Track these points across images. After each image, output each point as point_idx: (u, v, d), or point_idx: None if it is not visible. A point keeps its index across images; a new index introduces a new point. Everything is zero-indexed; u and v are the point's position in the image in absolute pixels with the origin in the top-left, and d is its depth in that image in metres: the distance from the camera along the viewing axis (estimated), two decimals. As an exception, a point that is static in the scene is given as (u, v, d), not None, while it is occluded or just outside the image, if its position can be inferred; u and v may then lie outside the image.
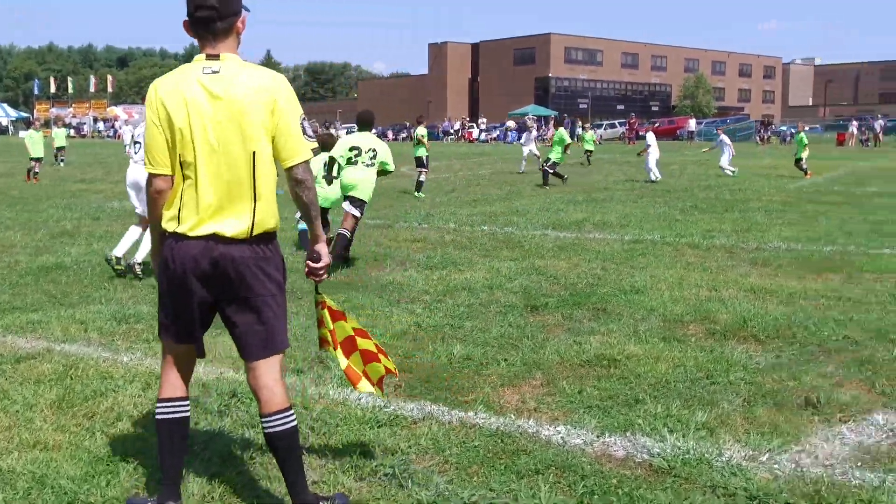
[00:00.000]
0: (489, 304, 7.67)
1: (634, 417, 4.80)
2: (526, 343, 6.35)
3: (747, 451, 4.33)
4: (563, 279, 8.78)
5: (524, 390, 5.34)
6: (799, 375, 5.55)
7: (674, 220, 13.80)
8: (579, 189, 20.22)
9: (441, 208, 15.81)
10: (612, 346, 6.24)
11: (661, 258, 10.05)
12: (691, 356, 5.97)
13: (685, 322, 7.00)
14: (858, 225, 12.99)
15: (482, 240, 11.57)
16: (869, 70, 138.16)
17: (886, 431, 4.62)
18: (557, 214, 14.57)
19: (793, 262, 9.79)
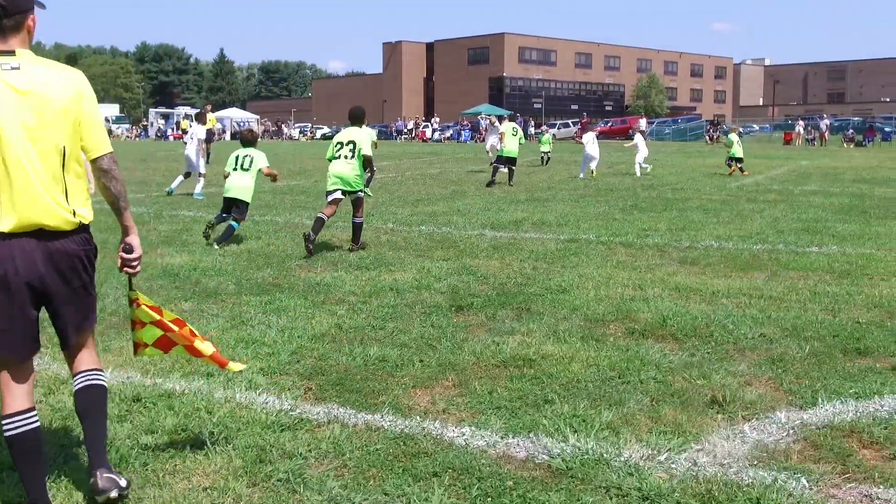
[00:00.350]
0: (414, 304, 7.64)
1: (540, 418, 4.80)
2: (444, 344, 6.33)
3: (647, 451, 4.35)
4: (493, 279, 8.78)
5: (436, 391, 5.32)
6: (709, 374, 5.60)
7: (612, 219, 13.89)
8: (523, 189, 20.27)
9: (382, 208, 15.75)
10: (529, 346, 6.24)
11: (593, 257, 10.10)
12: (606, 356, 5.99)
13: (606, 321, 7.03)
14: (791, 223, 13.17)
15: (418, 240, 11.54)
16: (817, 71, 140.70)
17: (787, 429, 4.67)
18: (497, 214, 14.59)
19: (721, 260, 9.89)
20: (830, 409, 4.96)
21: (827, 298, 7.79)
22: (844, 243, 11.04)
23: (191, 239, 11.49)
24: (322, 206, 11.21)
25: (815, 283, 8.54)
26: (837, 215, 14.26)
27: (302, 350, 6.14)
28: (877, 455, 4.35)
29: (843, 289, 8.18)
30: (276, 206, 15.91)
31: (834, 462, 4.24)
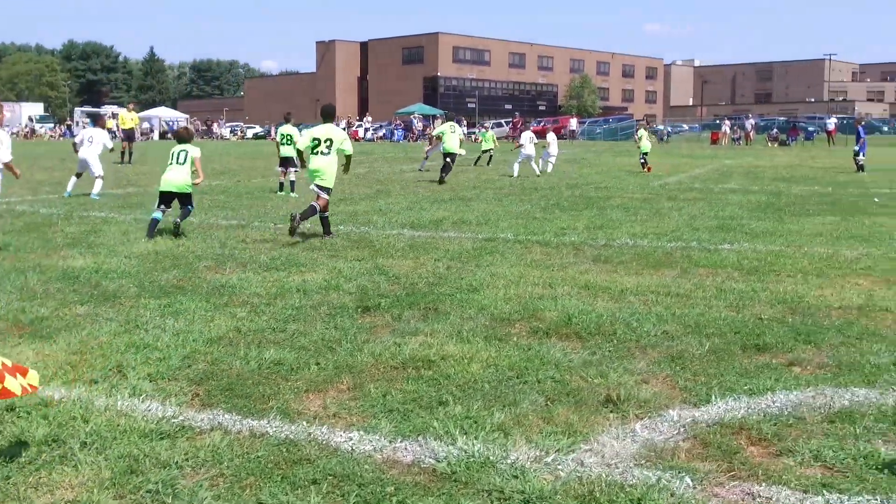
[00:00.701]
0: (320, 306, 7.49)
1: (432, 420, 4.70)
2: (345, 346, 6.19)
3: (535, 453, 4.28)
4: (405, 279, 8.67)
5: (329, 395, 5.19)
6: (607, 373, 5.57)
7: (532, 218, 13.89)
8: (449, 188, 20.21)
9: (303, 208, 15.49)
10: (431, 346, 6.14)
11: (508, 256, 10.06)
12: (506, 355, 5.93)
13: (512, 320, 6.97)
14: (707, 221, 13.33)
15: (334, 240, 11.37)
16: (745, 71, 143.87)
17: (678, 427, 4.65)
18: (419, 213, 14.49)
19: (634, 258, 9.94)
20: (723, 406, 4.96)
21: (732, 295, 7.85)
22: (756, 241, 11.19)
23: (98, 241, 11.15)
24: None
25: (722, 279, 8.61)
26: (753, 213, 14.49)
27: (195, 354, 5.95)
28: (764, 452, 4.34)
29: (750, 285, 8.26)
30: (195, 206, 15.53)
31: (720, 460, 4.22)
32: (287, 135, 18.44)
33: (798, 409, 4.88)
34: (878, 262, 9.56)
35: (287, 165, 18.26)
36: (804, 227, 12.53)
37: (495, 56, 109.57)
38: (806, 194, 18.17)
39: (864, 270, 9.06)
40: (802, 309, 7.32)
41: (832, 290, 8.01)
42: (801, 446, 4.34)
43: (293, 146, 18.26)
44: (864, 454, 4.23)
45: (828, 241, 11.09)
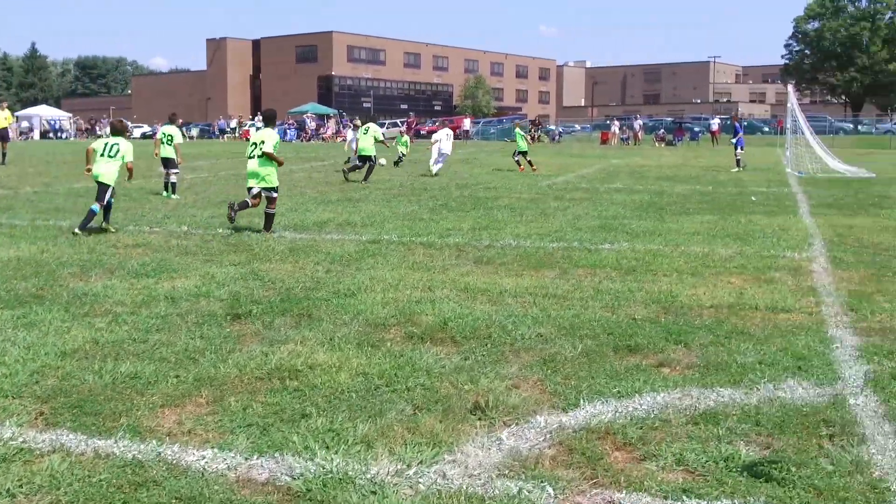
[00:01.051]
0: (188, 314, 7.17)
1: (292, 434, 4.50)
2: (208, 356, 5.93)
3: (397, 466, 4.14)
4: (281, 284, 8.42)
5: (186, 410, 4.93)
6: (478, 378, 5.47)
7: (419, 219, 13.78)
8: (337, 189, 19.93)
9: (182, 210, 15.04)
10: (299, 355, 5.93)
11: (390, 259, 9.90)
12: (377, 363, 5.77)
13: (387, 325, 6.82)
14: (590, 221, 13.46)
15: (212, 244, 11.00)
16: (634, 73, 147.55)
17: (544, 434, 4.57)
18: (303, 215, 14.20)
19: (516, 259, 9.92)
20: (590, 409, 4.92)
21: (609, 296, 7.88)
22: (636, 240, 11.34)
23: (-44, 247, 10.50)
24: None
25: (600, 280, 8.65)
26: (636, 212, 14.72)
27: (45, 369, 5.59)
28: (628, 457, 4.31)
29: (626, 285, 8.32)
30: (65, 210, 14.88)
31: (584, 467, 4.16)
32: (169, 135, 17.89)
33: (664, 412, 4.88)
34: (750, 260, 9.78)
35: (168, 167, 17.69)
36: (683, 226, 12.78)
37: (390, 56, 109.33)
38: (687, 193, 18.60)
39: (737, 269, 9.25)
40: (675, 308, 7.39)
41: (705, 289, 8.13)
42: (665, 450, 4.32)
43: (172, 146, 17.75)
44: (726, 456, 4.24)
45: (704, 240, 11.32)
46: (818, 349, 6.10)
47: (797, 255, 10.21)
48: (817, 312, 7.24)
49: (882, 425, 4.61)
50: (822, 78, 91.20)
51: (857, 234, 11.96)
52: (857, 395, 5.12)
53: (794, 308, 7.38)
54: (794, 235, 11.84)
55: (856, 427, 4.60)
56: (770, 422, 4.69)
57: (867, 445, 4.34)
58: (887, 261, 9.77)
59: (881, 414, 4.79)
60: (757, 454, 4.29)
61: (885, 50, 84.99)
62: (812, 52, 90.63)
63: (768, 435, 4.53)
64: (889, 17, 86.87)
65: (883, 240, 11.42)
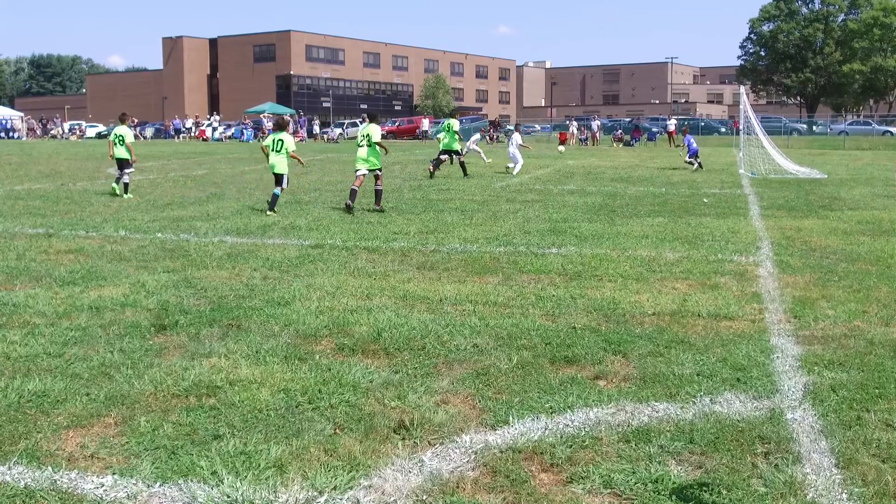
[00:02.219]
0: (111, 325, 6.86)
1: (200, 458, 4.24)
2: (124, 372, 5.63)
3: (308, 493, 3.89)
4: (214, 292, 8.12)
5: (92, 432, 4.63)
6: (406, 394, 5.24)
7: (367, 222, 13.51)
8: (287, 190, 19.55)
9: (123, 213, 14.61)
10: (221, 370, 5.66)
11: (331, 264, 9.63)
12: (302, 378, 5.51)
13: (319, 337, 6.56)
14: (540, 224, 13.28)
15: (148, 249, 10.64)
16: (593, 73, 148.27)
17: (469, 454, 4.35)
18: (248, 219, 13.86)
19: (461, 264, 9.70)
20: (520, 427, 4.71)
21: (550, 303, 7.69)
22: (584, 244, 11.17)
23: None
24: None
25: (543, 286, 8.46)
26: (586, 215, 14.58)
27: (-54, 388, 5.26)
28: (554, 479, 4.10)
29: (569, 292, 8.14)
30: (2, 213, 14.40)
31: (507, 491, 3.95)
32: (120, 135, 17.67)
33: (596, 428, 4.68)
34: (696, 264, 9.65)
35: (123, 167, 17.44)
36: (633, 229, 12.64)
37: (350, 55, 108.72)
38: (640, 195, 18.52)
39: (682, 274, 9.11)
40: (617, 316, 7.22)
41: (648, 296, 7.97)
42: (592, 472, 4.12)
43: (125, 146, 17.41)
44: (655, 478, 4.05)
45: (652, 244, 11.18)
46: (758, 359, 5.95)
47: (744, 258, 10.11)
48: (760, 320, 7.11)
49: (818, 442, 4.45)
50: (777, 79, 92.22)
51: (806, 237, 11.91)
52: (794, 408, 4.97)
53: (738, 315, 7.24)
54: (743, 238, 11.75)
55: (791, 444, 4.43)
56: (704, 439, 4.51)
57: (802, 464, 4.18)
58: (833, 265, 9.70)
59: (818, 430, 4.63)
60: (688, 475, 4.10)
61: (839, 52, 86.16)
62: (767, 54, 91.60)
63: (701, 453, 4.34)
64: (842, 19, 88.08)
65: (830, 243, 11.37)
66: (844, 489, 3.93)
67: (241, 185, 20.90)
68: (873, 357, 5.98)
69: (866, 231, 12.61)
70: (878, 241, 11.46)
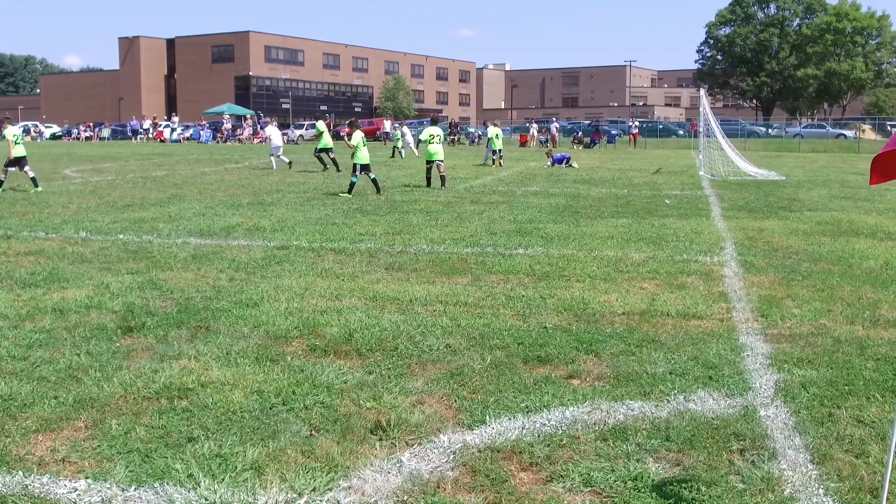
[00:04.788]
0: (76, 327, 6.73)
1: (175, 461, 4.17)
2: (92, 375, 5.52)
3: (287, 495, 3.84)
4: (180, 293, 8.01)
5: (62, 435, 4.54)
6: (381, 394, 5.20)
7: (331, 223, 13.43)
8: (249, 191, 19.43)
9: (83, 214, 14.38)
10: (191, 372, 5.58)
11: (298, 265, 9.56)
12: (275, 379, 5.45)
13: (290, 338, 6.50)
14: (505, 225, 13.31)
15: (111, 250, 10.48)
16: (553, 76, 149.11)
17: (448, 454, 4.33)
18: (211, 220, 13.71)
19: (429, 265, 9.68)
20: (497, 426, 4.70)
21: (520, 303, 7.70)
22: (550, 244, 11.21)
23: None
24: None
25: (513, 286, 8.47)
26: (551, 216, 14.63)
27: None
28: (534, 478, 4.09)
29: (538, 292, 8.15)
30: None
31: (487, 491, 3.93)
32: (17, 134, 18.80)
33: (572, 427, 4.69)
34: (663, 264, 9.73)
35: (22, 165, 18.57)
36: (597, 230, 12.72)
37: (309, 56, 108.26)
38: (603, 196, 18.63)
39: (649, 274, 9.18)
40: (587, 316, 7.24)
41: (617, 296, 8.02)
42: (572, 470, 4.13)
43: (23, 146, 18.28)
44: (635, 476, 4.06)
45: (618, 244, 11.25)
46: (729, 357, 6.00)
47: (709, 258, 10.21)
48: (728, 319, 7.18)
49: (792, 438, 4.50)
50: (733, 82, 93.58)
51: (768, 238, 12.06)
52: (767, 406, 5.02)
53: (706, 314, 7.30)
54: (707, 239, 11.87)
55: (766, 441, 4.48)
56: (680, 436, 4.54)
57: (778, 461, 4.22)
58: (796, 264, 9.83)
59: (791, 426, 4.68)
60: (667, 472, 4.12)
61: (794, 56, 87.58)
62: (724, 58, 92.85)
63: (678, 451, 4.37)
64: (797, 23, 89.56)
65: (792, 243, 11.53)
66: (821, 484, 3.97)
67: (202, 187, 20.68)
68: (841, 355, 6.07)
69: (826, 232, 12.81)
70: (838, 242, 11.64)
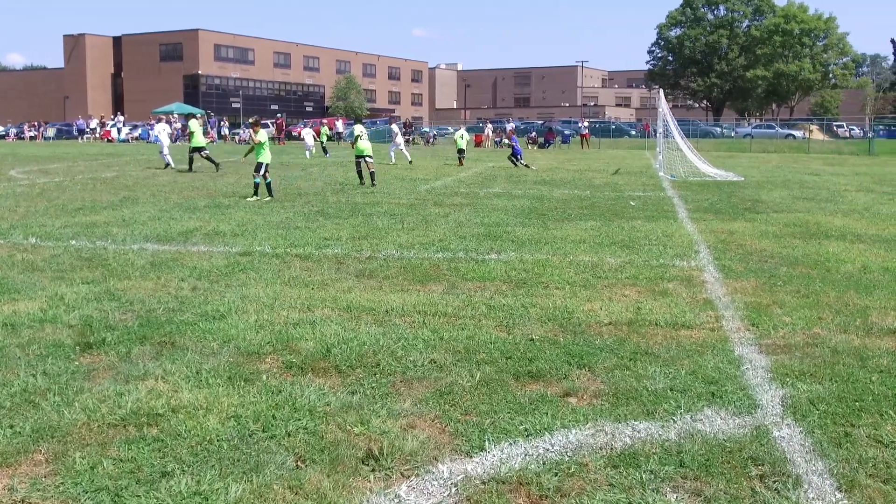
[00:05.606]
0: (31, 344, 6.26)
1: (149, 501, 3.77)
2: (52, 399, 5.07)
3: (278, 539, 3.46)
4: (141, 305, 7.55)
5: (21, 471, 4.10)
6: (369, 417, 4.83)
7: (294, 227, 12.98)
8: (205, 193, 18.86)
9: (32, 219, 13.75)
10: (161, 394, 5.16)
11: (264, 273, 9.13)
12: (252, 402, 5.05)
13: (263, 354, 6.09)
14: (474, 228, 12.98)
15: (63, 258, 9.94)
16: (504, 76, 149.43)
17: (449, 487, 3.99)
18: (167, 224, 13.18)
19: (401, 271, 9.31)
20: (498, 453, 4.36)
21: (502, 313, 7.37)
22: (523, 249, 10.91)
23: None
24: None
25: (491, 294, 8.14)
26: (518, 219, 14.35)
27: None
28: (545, 512, 3.77)
29: (519, 300, 7.84)
30: None
31: (497, 529, 3.59)
32: None
33: (579, 453, 4.37)
34: (640, 270, 9.48)
35: None
36: (568, 234, 12.45)
37: (259, 55, 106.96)
38: (567, 198, 18.41)
39: (629, 280, 8.92)
40: (573, 326, 6.94)
41: (601, 304, 7.73)
42: (586, 503, 3.80)
43: None
44: (654, 508, 3.75)
45: (591, 249, 10.99)
46: (728, 371, 5.74)
47: (685, 263, 9.99)
48: (719, 328, 6.93)
49: (814, 463, 4.23)
50: (684, 83, 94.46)
51: (739, 241, 11.90)
52: (779, 425, 4.75)
53: (695, 324, 7.05)
54: (679, 242, 11.67)
55: (787, 465, 4.20)
56: (694, 462, 4.24)
57: (804, 489, 3.94)
58: (774, 268, 9.66)
59: (809, 448, 4.42)
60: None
61: (743, 57, 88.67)
62: (675, 59, 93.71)
63: (695, 478, 4.07)
64: (746, 25, 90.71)
65: (765, 246, 11.38)
66: (854, 516, 3.71)
67: (155, 189, 20.04)
68: (842, 367, 5.84)
69: (796, 234, 12.70)
70: (810, 245, 11.52)
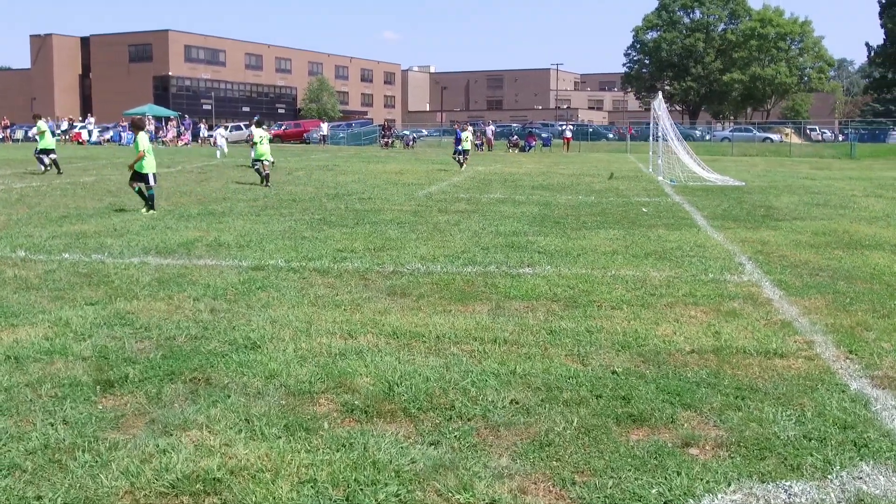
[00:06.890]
0: (42, 383, 5.39)
1: None
2: (81, 458, 4.22)
3: None
4: (158, 331, 6.69)
5: (60, 564, 3.26)
6: (470, 481, 4.04)
7: (301, 237, 12.13)
8: (195, 199, 17.91)
9: (15, 228, 12.76)
10: (212, 450, 4.32)
11: (286, 292, 8.28)
12: (324, 460, 4.23)
13: (315, 393, 5.27)
14: (492, 238, 12.20)
15: (58, 274, 9.03)
16: (477, 79, 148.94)
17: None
18: (164, 234, 12.26)
19: (434, 288, 8.51)
20: (642, 529, 3.59)
21: (568, 339, 6.60)
22: (555, 261, 10.14)
23: None
24: None
25: (545, 316, 7.36)
26: (533, 227, 13.59)
27: None
28: None
29: (579, 324, 7.07)
30: None
31: None
32: None
33: (739, 528, 3.61)
34: (694, 286, 8.74)
35: None
36: (592, 243, 11.72)
37: (231, 56, 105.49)
38: (574, 204, 17.70)
39: (687, 298, 8.17)
40: (653, 355, 6.18)
41: (672, 328, 6.98)
42: None
43: None
44: None
45: (628, 261, 10.25)
46: (858, 412, 5.01)
47: (737, 278, 9.28)
48: (815, 356, 6.20)
49: None
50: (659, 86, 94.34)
51: (777, 251, 11.22)
52: (957, 485, 4.02)
53: (788, 352, 6.31)
54: (716, 254, 10.96)
55: None
56: (883, 539, 3.50)
57: None
58: (831, 283, 8.98)
59: None
60: None
61: (719, 60, 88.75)
62: (651, 62, 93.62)
63: (897, 564, 3.33)
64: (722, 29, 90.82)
65: (808, 258, 10.71)
66: None
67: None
68: (981, 405, 5.14)
69: (831, 244, 12.05)
70: (855, 256, 10.87)
